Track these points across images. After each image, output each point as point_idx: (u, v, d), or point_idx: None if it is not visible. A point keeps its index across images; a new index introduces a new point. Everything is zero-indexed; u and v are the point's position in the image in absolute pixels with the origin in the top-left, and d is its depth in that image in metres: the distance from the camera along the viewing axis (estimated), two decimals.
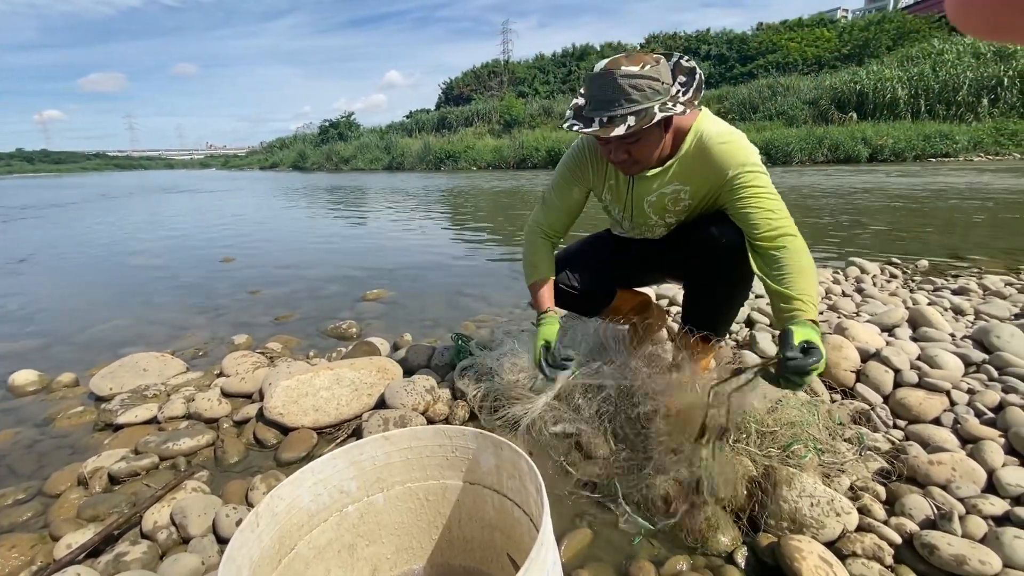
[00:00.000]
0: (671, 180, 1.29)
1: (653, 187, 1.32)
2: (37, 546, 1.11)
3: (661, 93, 1.13)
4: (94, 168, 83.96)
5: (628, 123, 1.11)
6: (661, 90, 1.13)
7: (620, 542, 1.07)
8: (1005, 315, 1.91)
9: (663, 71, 1.14)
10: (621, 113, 1.12)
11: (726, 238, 1.27)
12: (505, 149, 23.47)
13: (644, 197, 1.35)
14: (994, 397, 1.33)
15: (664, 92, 1.14)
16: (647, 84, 1.11)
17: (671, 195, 1.32)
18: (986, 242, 3.91)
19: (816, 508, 1.02)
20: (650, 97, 1.11)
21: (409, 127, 35.54)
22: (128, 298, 3.37)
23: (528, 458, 0.75)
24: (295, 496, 0.79)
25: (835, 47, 28.27)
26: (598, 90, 1.14)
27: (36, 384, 1.97)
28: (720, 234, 1.28)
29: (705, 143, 1.22)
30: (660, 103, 1.12)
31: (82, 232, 6.84)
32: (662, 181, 1.30)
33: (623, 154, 1.22)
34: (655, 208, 1.36)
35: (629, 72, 1.10)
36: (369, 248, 4.90)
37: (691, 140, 1.24)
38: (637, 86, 1.10)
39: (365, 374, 1.70)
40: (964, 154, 15.34)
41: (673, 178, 1.29)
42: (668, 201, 1.33)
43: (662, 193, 1.32)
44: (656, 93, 1.12)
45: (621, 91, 1.11)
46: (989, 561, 0.89)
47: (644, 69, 1.11)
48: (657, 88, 1.12)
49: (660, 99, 1.13)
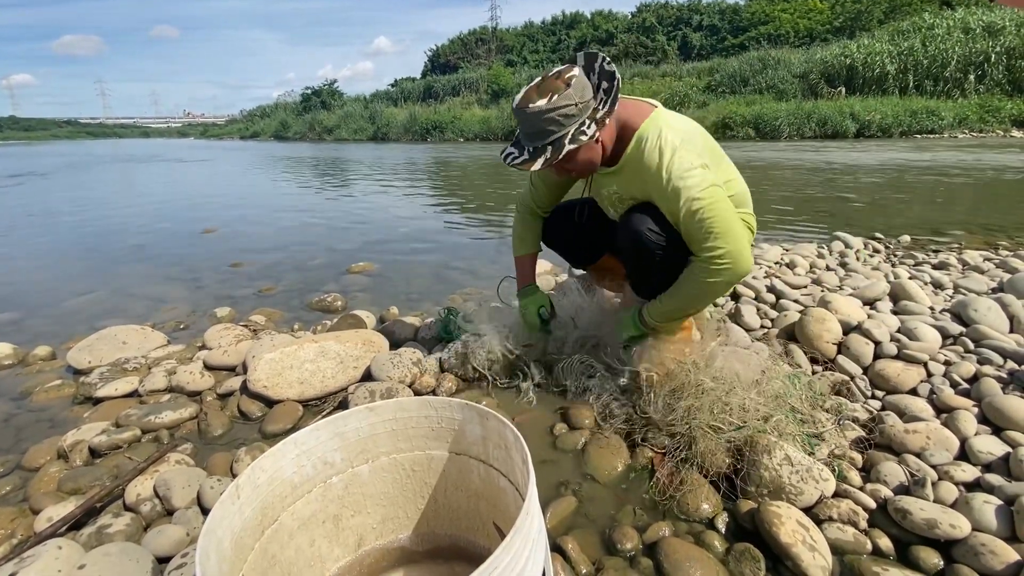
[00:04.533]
0: (611, 184, 1.35)
1: (605, 185, 1.38)
2: (17, 519, 1.10)
3: (576, 115, 1.16)
4: (66, 136, 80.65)
5: (546, 155, 1.17)
6: (576, 113, 1.16)
7: (604, 509, 1.09)
8: (983, 289, 1.95)
9: (575, 92, 1.15)
10: (540, 145, 1.18)
11: (649, 237, 1.26)
12: (493, 120, 23.07)
13: (599, 190, 1.42)
14: (969, 368, 1.36)
15: (581, 112, 1.17)
16: (558, 115, 1.14)
17: (616, 193, 1.37)
18: (967, 218, 3.97)
19: (795, 475, 1.05)
20: (565, 124, 1.15)
21: (394, 96, 34.64)
22: (105, 270, 3.29)
23: (514, 428, 0.75)
24: (277, 468, 0.78)
25: (827, 19, 27.92)
26: (519, 123, 1.22)
27: (11, 358, 1.92)
28: (643, 232, 1.27)
29: (644, 159, 1.22)
30: (575, 129, 1.16)
31: (56, 203, 6.61)
32: (607, 182, 1.36)
33: (564, 172, 1.29)
34: (608, 201, 1.42)
35: (538, 109, 1.14)
36: (354, 220, 4.82)
37: (632, 148, 1.24)
38: (549, 120, 1.15)
39: (351, 347, 1.69)
40: (949, 130, 15.44)
41: (613, 182, 1.34)
42: (615, 199, 1.38)
43: (610, 191, 1.38)
44: (570, 118, 1.15)
45: (535, 125, 1.17)
46: (959, 525, 0.92)
47: (553, 100, 1.14)
48: (571, 113, 1.15)
49: (575, 122, 1.16)
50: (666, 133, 1.21)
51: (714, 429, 1.15)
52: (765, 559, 0.93)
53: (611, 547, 0.99)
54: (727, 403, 1.18)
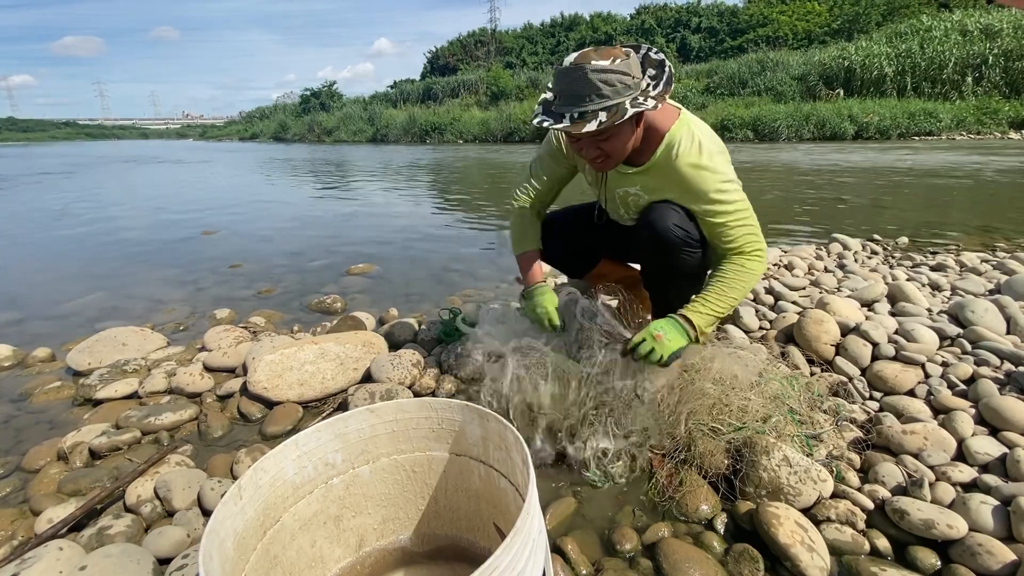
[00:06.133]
0: (635, 184, 1.32)
1: (622, 182, 1.34)
2: (17, 521, 1.10)
3: (631, 88, 1.11)
4: (64, 137, 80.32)
5: (600, 119, 1.09)
6: (632, 84, 1.11)
7: (604, 510, 1.09)
8: (980, 291, 1.95)
9: (633, 65, 1.12)
10: (592, 109, 1.09)
11: (675, 233, 1.26)
12: (492, 122, 23.04)
13: (615, 188, 1.37)
14: (967, 370, 1.37)
15: (635, 87, 1.12)
16: (618, 79, 1.08)
17: (632, 195, 1.34)
18: (964, 220, 3.98)
19: (793, 476, 1.05)
20: (621, 92, 1.09)
21: (393, 98, 34.61)
22: (105, 272, 3.29)
23: (514, 429, 0.76)
24: (279, 468, 0.78)
25: (825, 21, 28.02)
26: (567, 85, 1.11)
27: (11, 359, 1.92)
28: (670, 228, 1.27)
29: (676, 163, 1.21)
30: (631, 98, 1.10)
31: (56, 204, 6.60)
32: (630, 181, 1.32)
33: (595, 150, 1.20)
34: (622, 201, 1.39)
35: (599, 67, 1.07)
36: (354, 222, 4.82)
37: (663, 151, 1.23)
38: (608, 81, 1.08)
39: (351, 348, 1.69)
40: (947, 132, 15.46)
41: (637, 182, 1.31)
42: (631, 200, 1.36)
43: (627, 191, 1.35)
44: (627, 88, 1.10)
45: (592, 86, 1.08)
46: (956, 525, 0.93)
47: (614, 63, 1.08)
48: (628, 83, 1.10)
49: (631, 94, 1.11)
50: (699, 138, 1.22)
51: (713, 430, 1.15)
52: (764, 559, 0.93)
53: (610, 548, 0.99)
54: (726, 404, 1.18)
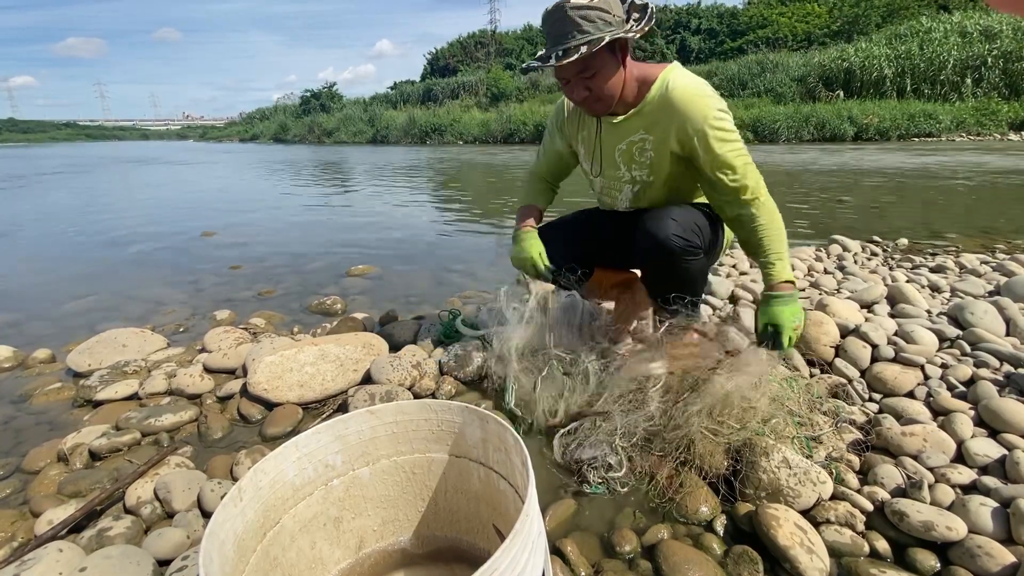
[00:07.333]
0: (637, 129, 1.33)
1: (620, 134, 1.36)
2: (17, 522, 1.10)
3: (613, 25, 1.17)
4: (64, 138, 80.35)
5: (580, 52, 1.14)
6: (613, 21, 1.17)
7: (603, 512, 1.09)
8: (980, 292, 1.96)
9: (613, 3, 1.18)
10: (573, 44, 1.16)
11: (676, 243, 1.27)
12: (492, 123, 23.06)
13: (615, 146, 1.39)
14: (966, 371, 1.37)
15: (616, 24, 1.18)
16: (597, 15, 1.15)
17: (637, 143, 1.35)
18: (964, 221, 3.98)
19: (793, 478, 1.05)
20: (601, 28, 1.16)
21: (393, 99, 34.63)
22: (105, 273, 3.29)
23: (514, 431, 0.76)
24: (279, 470, 0.78)
25: (825, 23, 28.03)
26: (551, 26, 1.19)
27: (11, 360, 1.92)
28: (671, 238, 1.27)
29: (670, 93, 1.25)
30: (611, 33, 1.16)
31: (55, 205, 6.61)
32: (628, 128, 1.34)
33: (583, 91, 1.25)
34: (624, 157, 1.39)
35: (578, 3, 1.15)
36: (354, 223, 4.82)
37: (657, 88, 1.27)
38: (587, 17, 1.15)
39: (351, 349, 1.69)
40: (947, 134, 15.48)
41: (638, 125, 1.32)
42: (635, 150, 1.36)
43: (631, 141, 1.35)
44: (607, 24, 1.16)
45: (572, 23, 1.15)
46: (955, 527, 0.93)
47: (593, 1, 1.15)
48: (608, 19, 1.16)
49: (612, 30, 1.17)
50: (692, 77, 1.26)
51: (712, 432, 1.15)
52: (763, 561, 0.93)
53: (610, 549, 0.99)
54: (726, 404, 1.18)
